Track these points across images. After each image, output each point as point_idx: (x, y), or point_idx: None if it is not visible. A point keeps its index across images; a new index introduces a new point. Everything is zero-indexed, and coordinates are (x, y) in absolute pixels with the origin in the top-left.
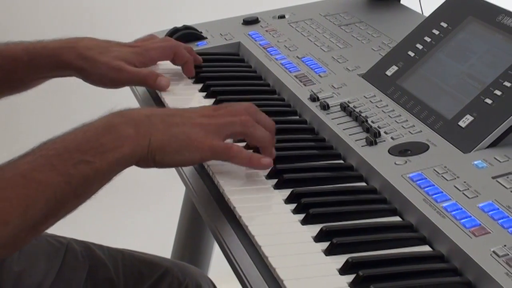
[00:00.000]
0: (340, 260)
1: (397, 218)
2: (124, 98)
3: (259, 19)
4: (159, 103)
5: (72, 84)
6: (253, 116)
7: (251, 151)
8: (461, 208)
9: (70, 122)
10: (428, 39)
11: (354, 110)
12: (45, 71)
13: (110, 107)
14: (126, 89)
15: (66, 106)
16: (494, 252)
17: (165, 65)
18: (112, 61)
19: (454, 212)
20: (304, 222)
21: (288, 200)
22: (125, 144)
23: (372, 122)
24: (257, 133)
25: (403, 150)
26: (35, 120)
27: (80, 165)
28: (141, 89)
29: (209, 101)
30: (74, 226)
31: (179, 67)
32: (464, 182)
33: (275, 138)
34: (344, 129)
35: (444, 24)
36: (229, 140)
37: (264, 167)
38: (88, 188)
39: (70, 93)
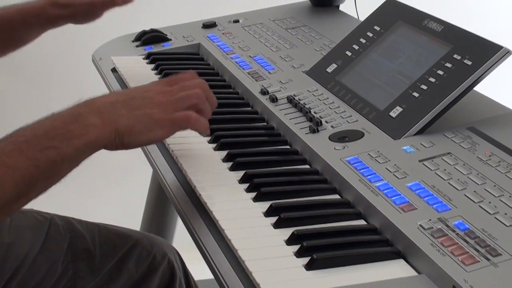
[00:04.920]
0: (286, 232)
1: (336, 196)
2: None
3: (217, 23)
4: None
5: (57, 83)
6: (205, 91)
7: None
8: (392, 187)
9: (48, 109)
10: (363, 41)
11: (299, 102)
12: (37, 27)
13: (79, 97)
14: (105, 90)
15: (49, 103)
16: (420, 225)
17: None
18: None
19: (385, 191)
20: (255, 199)
21: (241, 180)
22: (91, 131)
23: (315, 112)
24: (206, 108)
25: (342, 137)
26: (20, 109)
27: (48, 151)
28: (116, 88)
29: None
30: (56, 203)
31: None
32: (395, 164)
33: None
34: (290, 119)
35: (377, 28)
36: None
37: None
38: (56, 171)
39: (54, 91)
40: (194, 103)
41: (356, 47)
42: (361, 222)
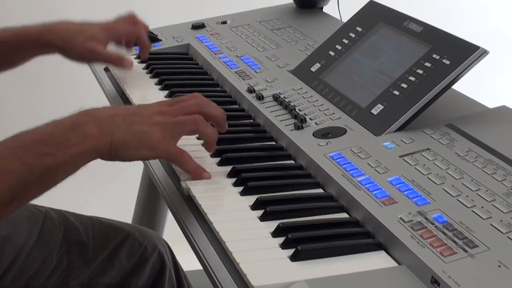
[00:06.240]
0: (272, 225)
1: (320, 190)
2: (95, 94)
3: (205, 24)
4: (122, 95)
5: (51, 82)
6: (204, 108)
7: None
8: (373, 182)
9: (41, 108)
10: (346, 41)
11: (284, 100)
12: (30, 51)
13: (80, 105)
14: (97, 88)
15: (44, 100)
16: (401, 218)
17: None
18: (86, 42)
19: (367, 185)
20: (242, 193)
21: (229, 175)
22: (88, 141)
23: (299, 110)
24: (206, 131)
25: (325, 134)
26: (16, 110)
27: (44, 157)
28: (109, 87)
29: (164, 93)
30: (51, 197)
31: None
32: (376, 160)
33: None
34: (276, 116)
35: (359, 29)
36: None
37: (204, 179)
38: (52, 177)
39: (48, 89)
40: (191, 129)
41: (339, 47)
42: (344, 215)
